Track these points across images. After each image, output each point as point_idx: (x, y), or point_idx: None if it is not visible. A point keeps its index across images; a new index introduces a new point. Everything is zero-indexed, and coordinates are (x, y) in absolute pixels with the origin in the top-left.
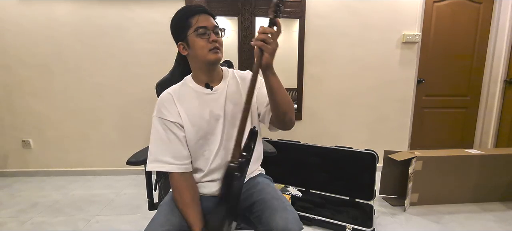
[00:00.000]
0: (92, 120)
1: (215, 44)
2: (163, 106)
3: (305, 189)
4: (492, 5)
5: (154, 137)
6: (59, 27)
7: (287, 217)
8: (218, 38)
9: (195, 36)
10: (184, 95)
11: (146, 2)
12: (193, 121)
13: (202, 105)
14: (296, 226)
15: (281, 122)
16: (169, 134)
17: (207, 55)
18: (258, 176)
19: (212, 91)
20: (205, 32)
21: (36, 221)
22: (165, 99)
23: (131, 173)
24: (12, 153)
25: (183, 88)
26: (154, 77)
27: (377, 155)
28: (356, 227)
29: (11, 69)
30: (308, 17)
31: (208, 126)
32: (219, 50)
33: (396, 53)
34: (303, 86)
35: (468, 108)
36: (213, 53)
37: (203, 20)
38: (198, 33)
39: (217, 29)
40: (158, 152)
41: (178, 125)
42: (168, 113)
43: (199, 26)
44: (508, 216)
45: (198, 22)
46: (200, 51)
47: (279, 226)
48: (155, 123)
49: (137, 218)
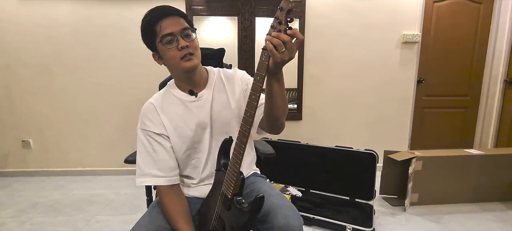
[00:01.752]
0: (92, 120)
1: (186, 50)
2: (146, 117)
3: (305, 189)
4: (492, 5)
5: (140, 150)
6: (59, 27)
7: (287, 213)
8: (189, 42)
9: (162, 45)
10: (168, 104)
11: (146, 2)
12: (178, 132)
13: (187, 114)
14: (297, 221)
15: (272, 126)
16: (154, 145)
17: (180, 64)
18: (251, 175)
19: (197, 98)
20: (172, 39)
21: (36, 221)
22: (148, 110)
23: (131, 173)
24: (12, 153)
25: (166, 96)
26: (154, 77)
27: (377, 155)
28: (356, 227)
29: (11, 69)
30: (308, 17)
31: (194, 135)
32: (192, 56)
33: (396, 53)
34: (303, 86)
35: (468, 108)
36: (185, 61)
37: (167, 25)
38: (165, 42)
39: (186, 31)
40: (144, 165)
41: (163, 136)
42: (152, 124)
43: (164, 34)
44: (508, 216)
45: (162, 29)
46: (172, 61)
47: (280, 224)
48: (139, 135)
49: (137, 218)
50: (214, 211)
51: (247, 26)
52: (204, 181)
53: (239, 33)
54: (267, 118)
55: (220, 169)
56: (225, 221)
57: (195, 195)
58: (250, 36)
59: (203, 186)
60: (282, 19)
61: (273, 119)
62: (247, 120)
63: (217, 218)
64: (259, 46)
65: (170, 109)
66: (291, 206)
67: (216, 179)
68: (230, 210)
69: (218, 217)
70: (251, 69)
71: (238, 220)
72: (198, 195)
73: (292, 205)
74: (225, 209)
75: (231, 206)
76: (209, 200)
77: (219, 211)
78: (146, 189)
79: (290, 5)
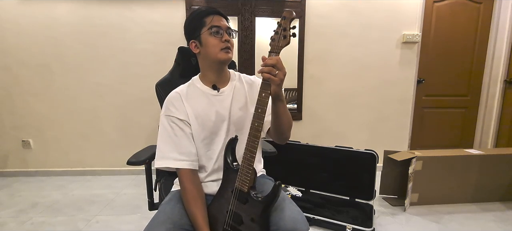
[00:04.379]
0: (92, 120)
1: (227, 44)
2: (171, 104)
3: (305, 189)
4: (492, 5)
5: (162, 135)
6: (59, 27)
7: (295, 217)
8: (230, 39)
9: (208, 34)
10: (192, 95)
11: (146, 2)
12: (199, 120)
13: (209, 105)
14: (304, 226)
15: (278, 138)
16: (176, 130)
17: (218, 54)
18: (260, 177)
19: (219, 93)
20: (219, 31)
21: (36, 221)
22: (173, 97)
23: (131, 173)
24: (12, 153)
25: (191, 88)
26: (154, 77)
27: (377, 155)
28: (356, 227)
29: (11, 69)
30: (308, 17)
31: (213, 126)
32: (230, 50)
33: (396, 53)
34: (303, 86)
35: (468, 108)
36: (224, 52)
37: (217, 20)
38: (212, 31)
39: (230, 30)
40: (165, 149)
41: (185, 122)
42: (176, 111)
43: (214, 25)
44: (508, 216)
45: (212, 22)
46: (212, 49)
47: (288, 226)
48: (162, 121)
49: (137, 218)
50: (227, 209)
51: (247, 26)
52: (215, 173)
53: (239, 33)
54: (274, 131)
55: (229, 167)
56: (242, 215)
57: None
58: (250, 36)
59: (212, 182)
60: (287, 26)
61: (280, 133)
62: (259, 116)
63: (232, 215)
64: (259, 46)
65: (193, 100)
66: (300, 211)
67: (225, 178)
68: (247, 203)
69: (233, 213)
70: (251, 69)
71: (258, 210)
72: (207, 191)
73: (301, 211)
74: (241, 203)
75: (248, 199)
76: (219, 201)
77: (234, 207)
78: (148, 190)
79: (293, 15)
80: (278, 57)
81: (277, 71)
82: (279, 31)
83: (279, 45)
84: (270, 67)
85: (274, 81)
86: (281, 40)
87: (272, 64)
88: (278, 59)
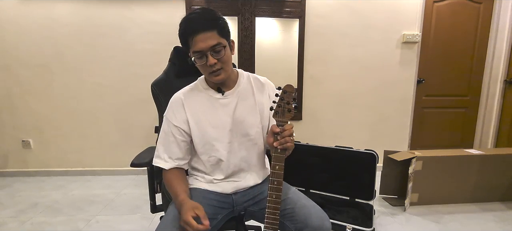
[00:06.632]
0: (92, 120)
1: (215, 67)
2: (171, 108)
3: (305, 189)
4: (492, 5)
5: (161, 134)
6: (59, 27)
7: (322, 216)
8: (217, 60)
9: (195, 57)
10: (194, 98)
11: (146, 2)
12: (200, 126)
13: (211, 110)
14: (329, 224)
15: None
16: (169, 135)
17: (209, 77)
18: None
19: (223, 96)
20: (202, 56)
21: (36, 221)
22: (175, 102)
23: (131, 173)
24: (12, 153)
25: (194, 91)
26: (154, 78)
27: (377, 155)
28: (356, 227)
29: (11, 69)
30: (308, 17)
31: (214, 132)
32: (220, 70)
33: (396, 53)
34: (303, 86)
35: (468, 108)
36: (213, 75)
37: (198, 41)
38: (195, 57)
39: (217, 47)
40: (160, 149)
41: (180, 129)
42: (173, 116)
43: (195, 50)
44: (508, 216)
45: (193, 45)
46: (202, 71)
47: (315, 224)
48: (164, 121)
49: (137, 218)
50: None
51: (247, 26)
52: (214, 175)
53: (239, 33)
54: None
55: None
56: None
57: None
58: (250, 36)
59: (226, 182)
60: (290, 100)
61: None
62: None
63: None
64: (259, 46)
65: (195, 104)
66: (324, 211)
67: None
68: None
69: None
70: (251, 69)
71: None
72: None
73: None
74: None
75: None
76: None
77: None
78: (150, 193)
79: (294, 91)
80: (292, 125)
81: (292, 138)
82: (282, 105)
83: (285, 120)
84: (285, 138)
85: (291, 147)
86: (286, 113)
87: (290, 135)
88: (292, 128)
